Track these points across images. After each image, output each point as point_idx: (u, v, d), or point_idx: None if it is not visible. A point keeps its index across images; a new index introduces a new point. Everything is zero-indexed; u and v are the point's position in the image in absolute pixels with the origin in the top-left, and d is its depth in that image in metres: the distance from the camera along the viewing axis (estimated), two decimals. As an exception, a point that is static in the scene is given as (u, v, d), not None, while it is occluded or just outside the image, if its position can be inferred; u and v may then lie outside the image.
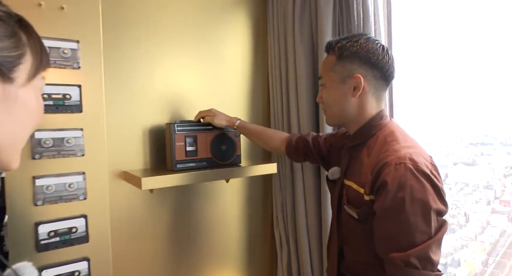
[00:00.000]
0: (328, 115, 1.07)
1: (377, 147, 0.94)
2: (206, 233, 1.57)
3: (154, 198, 1.43)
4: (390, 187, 0.84)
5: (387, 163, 0.87)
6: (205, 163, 1.34)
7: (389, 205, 0.85)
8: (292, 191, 1.62)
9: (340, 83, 1.00)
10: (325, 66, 1.04)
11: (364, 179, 0.93)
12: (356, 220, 0.96)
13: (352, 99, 1.00)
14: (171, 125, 1.27)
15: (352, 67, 0.98)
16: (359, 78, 0.97)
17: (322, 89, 1.06)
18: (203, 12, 1.55)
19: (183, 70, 1.50)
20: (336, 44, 1.01)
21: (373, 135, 0.99)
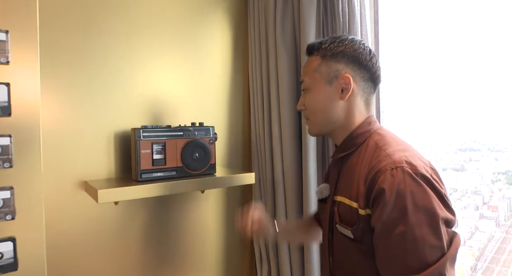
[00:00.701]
0: (312, 123, 0.95)
1: (368, 154, 0.84)
2: (179, 248, 1.45)
3: (120, 210, 1.30)
4: (388, 196, 0.73)
5: (381, 169, 0.76)
6: (175, 172, 1.21)
7: (389, 217, 0.73)
8: (273, 202, 1.51)
9: (326, 84, 0.89)
10: (308, 67, 0.93)
11: (356, 191, 0.82)
12: (352, 240, 0.83)
13: (339, 102, 0.89)
14: (136, 130, 1.15)
15: (339, 67, 0.88)
16: (348, 78, 0.87)
17: (305, 94, 0.95)
18: (180, 8, 1.43)
19: (158, 71, 1.38)
20: (319, 45, 0.92)
21: (362, 142, 0.88)
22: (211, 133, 1.30)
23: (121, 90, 1.29)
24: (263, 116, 1.51)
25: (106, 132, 1.26)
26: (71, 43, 1.19)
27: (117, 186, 1.10)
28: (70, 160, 1.19)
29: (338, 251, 0.89)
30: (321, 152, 1.38)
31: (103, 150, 1.25)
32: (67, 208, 1.19)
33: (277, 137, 1.43)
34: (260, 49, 1.51)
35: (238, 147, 1.60)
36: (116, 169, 1.27)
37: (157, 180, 1.17)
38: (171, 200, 1.41)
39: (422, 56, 1.39)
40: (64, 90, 1.19)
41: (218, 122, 1.53)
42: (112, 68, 1.27)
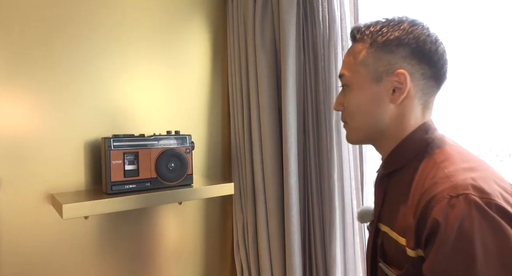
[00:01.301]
0: (350, 129, 0.75)
1: (422, 172, 0.63)
2: (156, 264, 1.37)
3: (91, 225, 1.22)
4: (446, 235, 0.52)
5: (436, 196, 0.55)
6: (149, 184, 1.15)
7: (445, 266, 0.52)
8: (253, 213, 1.45)
9: (372, 82, 0.69)
10: (350, 58, 0.73)
11: (403, 223, 0.62)
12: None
13: (389, 106, 0.69)
14: (106, 139, 1.08)
15: (392, 60, 0.67)
16: (403, 75, 0.66)
17: (344, 91, 0.75)
18: (156, 13, 1.38)
19: (132, 77, 1.31)
20: (367, 28, 0.70)
21: (416, 155, 0.67)
22: (188, 142, 1.24)
23: (92, 98, 1.22)
24: (243, 123, 1.46)
25: (75, 141, 1.18)
26: (36, 48, 1.12)
27: (85, 199, 1.02)
28: (34, 171, 1.11)
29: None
30: (302, 160, 1.34)
31: (71, 160, 1.17)
32: (29, 224, 1.11)
33: (257, 145, 1.38)
34: (239, 55, 1.47)
35: (217, 156, 1.55)
36: (86, 181, 1.20)
37: (129, 193, 1.10)
38: (147, 212, 1.34)
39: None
40: (29, 97, 1.11)
41: (196, 130, 1.47)
42: (82, 74, 1.20)
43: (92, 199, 1.02)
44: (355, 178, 1.25)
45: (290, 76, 1.29)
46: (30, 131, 1.11)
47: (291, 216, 1.29)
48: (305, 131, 1.34)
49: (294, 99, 1.30)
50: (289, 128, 1.29)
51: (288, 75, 1.29)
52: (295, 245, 1.29)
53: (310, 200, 1.33)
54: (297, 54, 1.31)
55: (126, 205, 1.06)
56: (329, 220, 1.24)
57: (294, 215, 1.29)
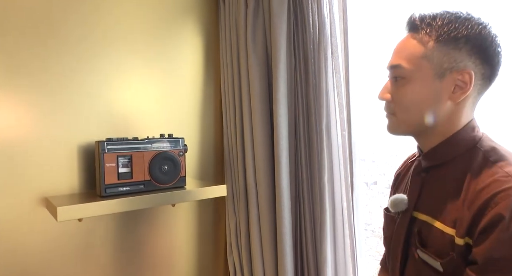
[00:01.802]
0: (398, 121, 0.74)
1: (475, 170, 0.66)
2: (150, 265, 1.39)
3: (85, 227, 1.23)
4: (507, 226, 0.57)
5: (500, 192, 0.60)
6: (143, 186, 1.17)
7: (502, 254, 0.57)
8: (246, 214, 1.47)
9: (434, 77, 0.68)
10: (410, 49, 0.70)
11: (454, 214, 0.65)
12: (439, 274, 0.66)
13: (447, 103, 0.68)
14: (100, 143, 1.10)
15: (458, 57, 0.66)
16: (469, 75, 0.66)
17: (396, 83, 0.73)
18: (149, 18, 1.40)
19: (125, 81, 1.33)
20: (435, 19, 0.68)
21: (464, 152, 0.70)
22: (181, 144, 1.26)
23: (86, 101, 1.24)
24: (235, 127, 1.48)
25: (69, 145, 1.20)
26: (30, 51, 1.14)
27: (79, 202, 1.04)
28: (28, 175, 1.12)
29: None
30: (293, 163, 1.36)
31: (65, 164, 1.19)
32: (24, 227, 1.12)
33: (250, 148, 1.41)
34: (231, 59, 1.50)
35: (210, 158, 1.57)
36: (80, 184, 1.21)
37: (123, 195, 1.12)
38: (140, 215, 1.36)
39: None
40: (23, 101, 1.12)
41: (189, 133, 1.49)
42: (76, 78, 1.22)
43: (86, 201, 1.04)
44: (345, 180, 1.28)
45: (281, 80, 1.32)
46: (23, 135, 1.12)
47: (283, 217, 1.31)
48: (296, 134, 1.37)
49: (285, 102, 1.33)
50: (280, 131, 1.32)
51: (279, 79, 1.31)
52: (286, 246, 1.31)
53: (301, 202, 1.36)
54: (288, 59, 1.34)
55: (119, 207, 1.08)
56: (320, 221, 1.27)
57: (285, 216, 1.31)
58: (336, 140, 1.27)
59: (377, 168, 1.96)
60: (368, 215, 1.93)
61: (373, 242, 1.74)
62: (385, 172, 1.88)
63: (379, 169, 1.96)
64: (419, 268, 0.70)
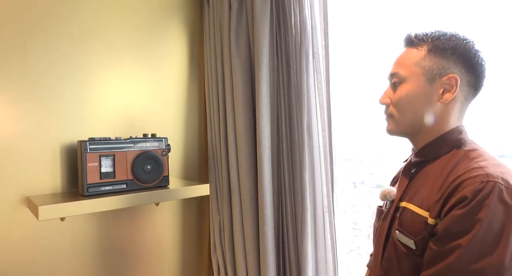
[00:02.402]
0: (396, 122, 0.84)
1: (455, 164, 0.76)
2: (133, 264, 1.39)
3: (67, 227, 1.24)
4: (468, 205, 0.66)
5: (469, 178, 0.69)
6: (125, 186, 1.18)
7: (455, 226, 0.66)
8: (229, 213, 1.49)
9: (426, 82, 0.79)
10: (406, 59, 0.83)
11: (429, 199, 0.75)
12: (410, 252, 0.76)
13: (436, 104, 0.79)
14: (82, 142, 1.11)
15: (446, 65, 0.78)
16: (455, 79, 0.77)
17: (395, 88, 0.85)
18: (133, 18, 1.41)
19: (108, 81, 1.34)
20: (426, 36, 0.81)
21: (449, 151, 0.80)
22: (164, 144, 1.27)
23: (69, 101, 1.24)
24: (219, 127, 1.50)
25: (52, 144, 1.20)
26: (12, 51, 1.14)
27: (61, 201, 1.05)
28: (10, 174, 1.12)
29: (388, 261, 0.82)
30: (276, 162, 1.39)
31: (48, 164, 1.19)
32: (5, 227, 1.12)
33: (233, 148, 1.43)
34: (215, 60, 1.52)
35: (194, 158, 1.58)
36: (62, 184, 1.22)
37: (105, 194, 1.13)
38: (124, 214, 1.37)
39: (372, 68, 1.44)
40: (4, 101, 1.12)
41: (173, 133, 1.50)
42: (59, 78, 1.22)
43: (68, 201, 1.05)
44: (326, 179, 1.31)
45: (264, 80, 1.34)
46: (5, 135, 1.12)
47: (265, 215, 1.33)
48: (279, 134, 1.39)
49: (267, 103, 1.35)
50: (263, 131, 1.34)
51: (262, 80, 1.34)
52: (269, 244, 1.33)
53: (283, 200, 1.38)
54: (270, 60, 1.37)
55: (102, 206, 1.09)
56: (301, 219, 1.29)
57: (268, 214, 1.34)
58: (317, 139, 1.30)
59: (365, 167, 1.99)
60: (355, 214, 1.95)
61: (361, 241, 1.77)
62: (372, 171, 1.91)
63: (366, 168, 1.99)
64: (395, 247, 0.80)
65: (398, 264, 0.79)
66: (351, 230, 1.91)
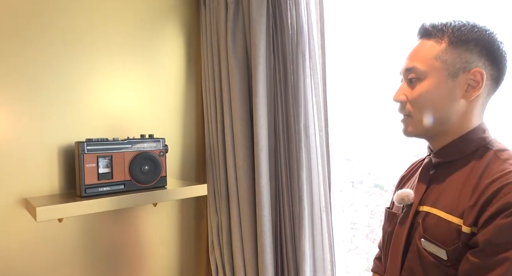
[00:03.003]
0: (415, 121, 0.77)
1: (485, 165, 0.70)
2: (132, 264, 1.40)
3: (65, 228, 1.24)
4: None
5: (510, 184, 0.64)
6: (123, 186, 1.18)
7: (502, 238, 0.61)
8: (227, 213, 1.50)
9: (448, 77, 0.73)
10: (424, 52, 0.75)
11: (462, 205, 0.69)
12: (441, 263, 0.69)
13: (460, 101, 0.73)
14: (80, 143, 1.11)
15: (470, 58, 0.72)
16: (481, 74, 0.71)
17: (411, 84, 0.77)
18: (130, 18, 1.41)
19: (106, 82, 1.34)
20: (446, 26, 0.74)
21: (474, 151, 0.74)
22: (162, 145, 1.28)
23: (66, 102, 1.24)
24: (217, 127, 1.51)
25: (49, 145, 1.20)
26: (8, 52, 1.14)
27: (59, 202, 1.05)
28: (8, 176, 1.13)
29: (410, 272, 0.75)
30: (273, 162, 1.39)
31: (45, 165, 1.19)
32: (3, 229, 1.12)
33: (230, 148, 1.43)
34: (212, 61, 1.52)
35: (191, 159, 1.59)
36: (60, 185, 1.22)
37: (103, 195, 1.13)
38: (122, 214, 1.37)
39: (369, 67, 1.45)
40: (2, 102, 1.13)
41: (171, 134, 1.51)
42: (56, 79, 1.22)
43: (66, 202, 1.05)
44: (323, 179, 1.32)
45: (261, 81, 1.35)
46: (3, 136, 1.12)
47: (263, 215, 1.34)
48: (276, 134, 1.40)
49: (265, 103, 1.36)
50: (260, 131, 1.35)
51: (259, 81, 1.34)
52: (266, 243, 1.34)
53: (281, 200, 1.39)
54: (267, 60, 1.37)
55: (99, 207, 1.09)
56: (299, 219, 1.30)
57: (265, 214, 1.34)
58: (314, 139, 1.30)
59: (363, 167, 2.00)
60: (353, 214, 1.96)
61: (359, 241, 1.77)
62: (370, 171, 1.90)
63: (364, 168, 1.99)
64: (421, 258, 0.73)
65: (423, 271, 0.73)
66: (350, 230, 1.91)
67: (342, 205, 1.99)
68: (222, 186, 1.49)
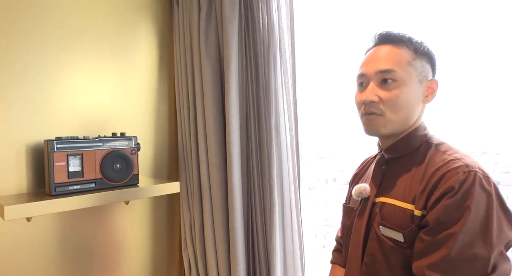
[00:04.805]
0: (387, 121, 0.83)
1: (429, 157, 0.81)
2: (102, 263, 1.39)
3: (34, 227, 1.22)
4: (456, 195, 0.70)
5: (452, 170, 0.73)
6: (94, 185, 1.18)
7: (447, 216, 0.70)
8: (200, 210, 1.52)
9: (417, 82, 0.82)
10: (399, 57, 0.82)
11: (413, 193, 0.78)
12: (399, 245, 0.78)
13: (420, 105, 0.85)
14: (49, 142, 1.10)
15: (428, 69, 0.84)
16: (436, 83, 0.85)
17: (387, 85, 0.82)
18: (102, 17, 1.40)
19: (76, 80, 1.33)
20: (412, 38, 0.84)
21: (418, 146, 0.85)
22: (134, 143, 1.28)
23: (35, 100, 1.22)
24: (189, 126, 1.52)
25: (17, 144, 1.18)
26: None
27: (27, 201, 1.04)
28: (-27, 175, 1.10)
29: (372, 257, 0.83)
30: (245, 160, 1.43)
31: (12, 164, 1.17)
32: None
33: (203, 146, 1.45)
34: (185, 61, 1.53)
35: (164, 157, 1.60)
36: (28, 184, 1.20)
37: (74, 193, 1.13)
38: (93, 213, 1.36)
39: (337, 67, 1.51)
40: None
41: (143, 132, 1.51)
42: (24, 76, 1.20)
43: (35, 200, 1.04)
44: (293, 176, 1.36)
45: (233, 80, 1.37)
46: (-33, 134, 1.10)
47: (235, 211, 1.37)
48: (248, 132, 1.43)
49: (237, 102, 1.39)
50: (232, 130, 1.37)
51: (231, 80, 1.37)
52: (238, 238, 1.37)
53: (252, 197, 1.42)
54: (239, 60, 1.40)
55: (70, 205, 1.09)
56: (270, 214, 1.34)
57: (237, 210, 1.37)
58: (285, 138, 1.34)
59: (336, 165, 2.05)
60: (327, 211, 2.01)
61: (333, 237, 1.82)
62: (343, 169, 1.95)
63: (338, 166, 2.04)
64: (380, 243, 0.81)
65: (385, 259, 0.80)
66: (323, 227, 1.97)
67: (316, 202, 2.05)
68: (195, 183, 1.51)
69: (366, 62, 0.87)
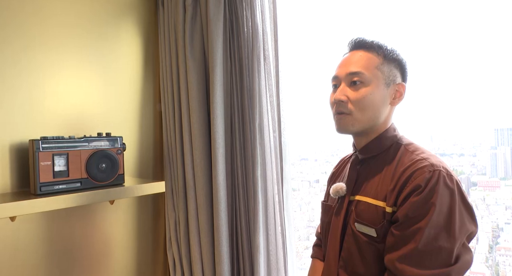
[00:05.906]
0: (354, 119, 0.89)
1: (398, 157, 0.87)
2: (87, 262, 1.40)
3: (18, 226, 1.22)
4: (422, 192, 0.77)
5: (419, 169, 0.80)
6: (79, 184, 1.19)
7: (414, 212, 0.77)
8: (185, 209, 1.54)
9: (384, 85, 0.89)
10: (367, 61, 0.89)
11: (384, 191, 0.85)
12: (372, 240, 0.84)
13: (388, 106, 0.91)
14: (34, 141, 1.10)
15: (396, 74, 0.91)
16: (404, 87, 0.91)
17: (355, 86, 0.89)
18: (87, 16, 1.40)
19: (62, 79, 1.33)
20: (382, 44, 0.91)
21: (389, 147, 0.91)
22: (119, 143, 1.29)
23: (19, 99, 1.22)
24: (175, 126, 1.54)
25: (0, 143, 1.18)
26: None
27: (11, 200, 1.04)
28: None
29: (348, 252, 0.89)
30: (230, 160, 1.45)
31: (-3, 163, 1.17)
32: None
33: (188, 146, 1.47)
34: (170, 62, 1.55)
35: (149, 157, 1.61)
36: (12, 184, 1.20)
37: (59, 193, 1.14)
38: (78, 213, 1.37)
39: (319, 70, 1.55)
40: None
41: (129, 132, 1.52)
42: (9, 75, 1.20)
43: (19, 200, 1.04)
44: (276, 176, 1.40)
45: (218, 82, 1.40)
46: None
47: (219, 210, 1.40)
48: (232, 133, 1.46)
49: (221, 103, 1.42)
50: (217, 130, 1.40)
51: (216, 82, 1.40)
52: (223, 237, 1.40)
53: (237, 196, 1.45)
54: (224, 62, 1.43)
55: (54, 204, 1.09)
56: (254, 214, 1.37)
57: (222, 210, 1.40)
58: (268, 139, 1.38)
59: (319, 167, 2.09)
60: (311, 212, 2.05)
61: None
62: (326, 170, 1.99)
63: (320, 168, 2.09)
64: (356, 238, 0.87)
65: (360, 253, 0.86)
66: (307, 228, 2.00)
67: (299, 204, 2.08)
68: (180, 183, 1.53)
69: (340, 65, 0.95)
